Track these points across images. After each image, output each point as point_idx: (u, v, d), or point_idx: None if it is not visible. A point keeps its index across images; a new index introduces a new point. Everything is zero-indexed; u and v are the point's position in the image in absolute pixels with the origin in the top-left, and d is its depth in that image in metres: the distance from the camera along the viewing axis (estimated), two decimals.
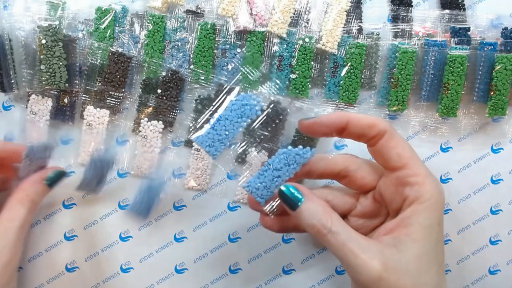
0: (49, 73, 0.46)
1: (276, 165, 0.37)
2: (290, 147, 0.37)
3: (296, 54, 0.48)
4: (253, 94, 0.38)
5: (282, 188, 0.35)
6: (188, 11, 0.48)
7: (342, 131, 0.36)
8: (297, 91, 0.48)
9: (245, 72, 0.45)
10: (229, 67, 0.47)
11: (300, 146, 0.37)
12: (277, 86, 0.48)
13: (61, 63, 0.46)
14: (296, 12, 0.48)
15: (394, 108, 0.49)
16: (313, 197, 0.35)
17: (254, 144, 0.47)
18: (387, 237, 0.34)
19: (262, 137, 0.47)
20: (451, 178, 0.50)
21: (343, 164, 0.38)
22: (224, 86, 0.39)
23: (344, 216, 0.40)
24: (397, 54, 0.48)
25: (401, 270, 0.32)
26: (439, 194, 0.34)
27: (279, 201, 0.37)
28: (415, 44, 0.48)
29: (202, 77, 0.48)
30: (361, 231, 0.38)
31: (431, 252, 0.33)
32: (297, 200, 0.34)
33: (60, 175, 0.43)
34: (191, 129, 0.41)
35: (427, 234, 0.33)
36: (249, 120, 0.38)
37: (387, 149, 0.35)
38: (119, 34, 0.48)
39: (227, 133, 0.38)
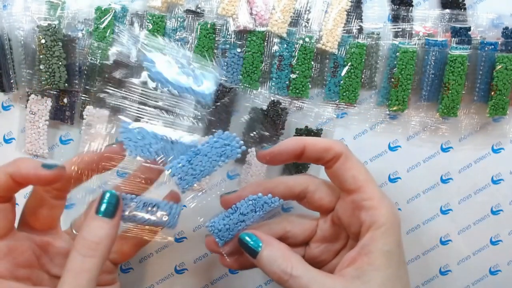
0: (48, 73, 0.46)
1: (243, 210, 0.37)
2: (260, 194, 0.37)
3: (296, 54, 0.48)
4: (237, 136, 0.37)
5: (241, 236, 0.35)
6: (188, 11, 0.48)
7: (300, 156, 0.37)
8: (297, 91, 0.48)
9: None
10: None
11: (270, 195, 0.37)
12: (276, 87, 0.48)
13: (60, 63, 0.46)
14: (296, 11, 0.48)
15: (394, 108, 0.49)
16: (272, 242, 0.35)
17: (254, 144, 0.47)
18: (350, 269, 0.34)
19: (262, 137, 0.47)
20: (451, 178, 0.50)
21: (302, 186, 0.38)
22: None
23: (306, 243, 0.40)
24: (397, 53, 0.48)
25: None
26: (394, 217, 0.34)
27: (235, 243, 0.37)
28: (415, 44, 0.48)
29: None
30: (324, 257, 0.39)
31: (394, 277, 0.33)
32: (256, 247, 0.34)
33: (113, 200, 0.33)
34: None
35: (388, 260, 0.33)
36: (227, 161, 0.37)
37: (343, 171, 0.36)
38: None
39: (202, 169, 0.37)
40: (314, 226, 0.40)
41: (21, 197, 0.50)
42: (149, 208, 0.37)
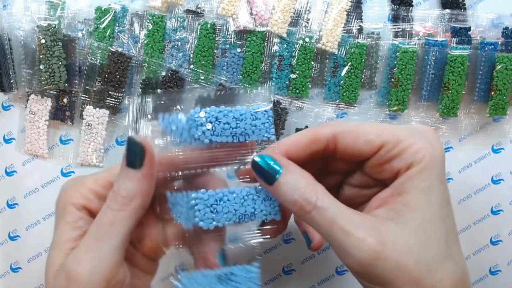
0: (48, 73, 0.46)
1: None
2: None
3: (296, 54, 0.48)
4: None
5: (256, 159, 0.29)
6: (188, 11, 0.48)
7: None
8: (297, 91, 0.48)
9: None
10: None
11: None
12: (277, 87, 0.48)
13: (60, 63, 0.46)
14: (296, 11, 0.48)
15: (394, 108, 0.49)
16: (294, 168, 0.29)
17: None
18: (381, 210, 0.29)
19: None
20: (451, 178, 0.50)
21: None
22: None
23: (340, 185, 0.34)
24: (397, 54, 0.48)
25: (402, 246, 0.27)
26: (433, 148, 0.28)
27: None
28: (415, 44, 0.48)
29: (202, 77, 0.48)
30: (357, 200, 0.33)
31: (437, 218, 0.28)
32: (274, 173, 0.28)
33: (135, 149, 0.28)
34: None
35: (427, 199, 0.28)
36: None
37: (351, 146, 0.30)
38: (118, 33, 0.48)
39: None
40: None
41: (21, 197, 0.50)
42: (226, 281, 0.31)
